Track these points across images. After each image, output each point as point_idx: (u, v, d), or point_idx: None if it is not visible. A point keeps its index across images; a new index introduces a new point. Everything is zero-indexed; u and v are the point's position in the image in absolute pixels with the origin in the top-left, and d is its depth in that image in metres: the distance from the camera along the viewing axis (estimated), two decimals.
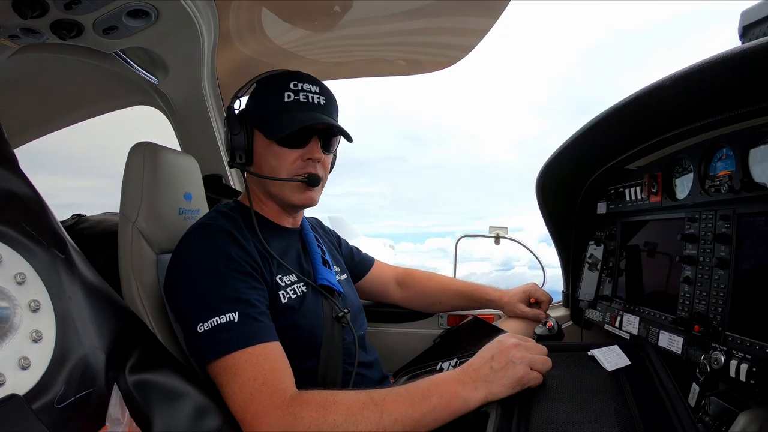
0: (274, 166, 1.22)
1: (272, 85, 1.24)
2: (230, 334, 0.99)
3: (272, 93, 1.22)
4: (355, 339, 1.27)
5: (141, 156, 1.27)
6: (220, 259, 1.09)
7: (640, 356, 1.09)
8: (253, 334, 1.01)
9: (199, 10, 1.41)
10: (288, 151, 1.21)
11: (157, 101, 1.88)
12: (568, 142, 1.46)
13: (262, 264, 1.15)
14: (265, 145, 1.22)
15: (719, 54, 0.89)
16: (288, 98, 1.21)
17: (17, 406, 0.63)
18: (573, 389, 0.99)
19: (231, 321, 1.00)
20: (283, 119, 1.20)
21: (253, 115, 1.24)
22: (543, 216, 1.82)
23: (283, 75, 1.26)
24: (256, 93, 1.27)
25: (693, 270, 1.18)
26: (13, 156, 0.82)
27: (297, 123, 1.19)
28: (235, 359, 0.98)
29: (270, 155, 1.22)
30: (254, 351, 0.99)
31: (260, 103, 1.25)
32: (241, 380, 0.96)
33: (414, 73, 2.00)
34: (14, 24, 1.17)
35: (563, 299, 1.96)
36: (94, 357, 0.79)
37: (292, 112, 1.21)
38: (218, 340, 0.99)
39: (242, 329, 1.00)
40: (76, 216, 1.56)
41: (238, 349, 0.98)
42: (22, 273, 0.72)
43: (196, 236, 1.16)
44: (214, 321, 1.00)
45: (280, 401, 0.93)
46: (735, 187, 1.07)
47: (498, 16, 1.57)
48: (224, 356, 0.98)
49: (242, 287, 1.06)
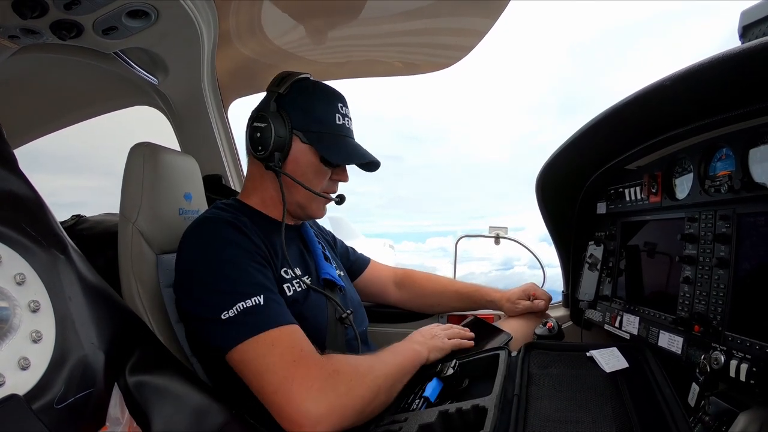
0: (311, 180, 1.25)
1: (325, 99, 1.26)
2: (260, 316, 1.01)
3: (327, 109, 1.25)
4: (356, 335, 1.29)
5: (141, 156, 1.27)
6: (231, 247, 1.09)
7: (639, 359, 1.10)
8: (282, 314, 1.04)
9: (199, 11, 1.41)
10: (327, 170, 1.27)
11: (157, 102, 1.89)
12: (567, 143, 1.46)
13: (268, 257, 1.16)
14: (310, 158, 1.24)
15: (719, 54, 0.89)
16: (339, 120, 1.26)
17: (17, 407, 0.63)
18: (571, 388, 0.99)
19: (257, 304, 1.01)
20: (339, 144, 1.25)
21: (304, 122, 1.23)
22: (543, 216, 1.82)
23: (333, 91, 1.29)
24: (308, 97, 1.25)
25: (693, 270, 1.18)
26: (12, 156, 0.82)
27: (359, 156, 1.26)
28: (271, 336, 0.99)
29: (311, 169, 1.25)
30: (286, 329, 1.02)
31: (315, 114, 1.24)
32: (280, 350, 0.98)
33: (413, 73, 2.01)
34: (14, 24, 1.18)
35: (563, 299, 1.96)
36: (93, 357, 0.79)
37: (344, 138, 1.27)
38: (248, 322, 1.00)
39: (270, 311, 1.02)
40: (76, 216, 1.56)
41: (272, 327, 1.00)
42: (21, 273, 0.72)
43: (202, 229, 1.16)
44: (239, 306, 1.00)
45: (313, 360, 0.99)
46: (735, 187, 1.06)
47: (497, 17, 1.57)
48: (258, 335, 0.99)
49: (259, 273, 1.08)
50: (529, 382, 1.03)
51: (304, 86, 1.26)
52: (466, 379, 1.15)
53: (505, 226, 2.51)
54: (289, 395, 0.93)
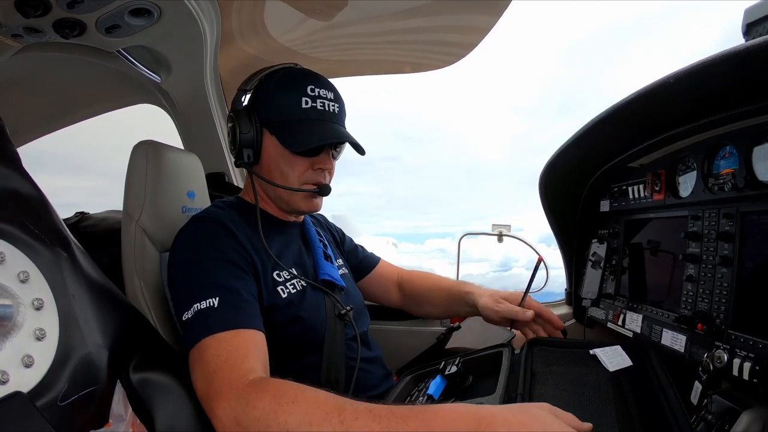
0: (286, 173, 1.20)
1: (288, 85, 1.20)
2: (208, 320, 0.96)
3: (289, 96, 1.18)
4: (356, 335, 1.26)
5: (144, 154, 1.27)
6: (206, 248, 1.08)
7: (642, 358, 1.08)
8: (231, 319, 0.97)
9: (202, 9, 1.41)
10: (301, 160, 1.20)
11: (160, 100, 1.89)
12: (571, 141, 1.46)
13: (255, 258, 1.14)
14: (277, 150, 1.19)
15: (723, 51, 0.89)
16: (305, 104, 1.17)
17: (21, 404, 0.63)
18: (574, 386, 0.99)
19: (211, 306, 0.98)
20: (302, 130, 1.17)
21: (266, 114, 1.20)
22: (546, 214, 1.82)
23: (300, 75, 1.22)
24: (269, 90, 1.21)
25: (696, 268, 1.18)
26: (15, 155, 0.82)
27: (318, 138, 1.17)
28: (207, 343, 0.93)
29: (282, 161, 1.20)
30: (227, 335, 0.95)
31: (275, 103, 1.19)
32: (205, 359, 0.92)
33: (417, 71, 2.00)
34: (17, 23, 1.18)
35: (566, 297, 1.96)
36: (97, 355, 0.80)
37: (311, 121, 1.18)
38: (196, 326, 0.97)
39: (221, 315, 0.97)
40: (80, 214, 1.56)
41: (213, 333, 0.94)
42: (25, 271, 0.72)
43: (187, 230, 1.16)
44: (195, 307, 0.98)
45: (239, 382, 0.87)
46: (738, 185, 1.06)
47: (500, 13, 1.57)
48: (199, 342, 0.94)
49: (225, 275, 1.05)
50: (533, 381, 1.02)
51: (271, 78, 1.22)
52: (470, 377, 1.15)
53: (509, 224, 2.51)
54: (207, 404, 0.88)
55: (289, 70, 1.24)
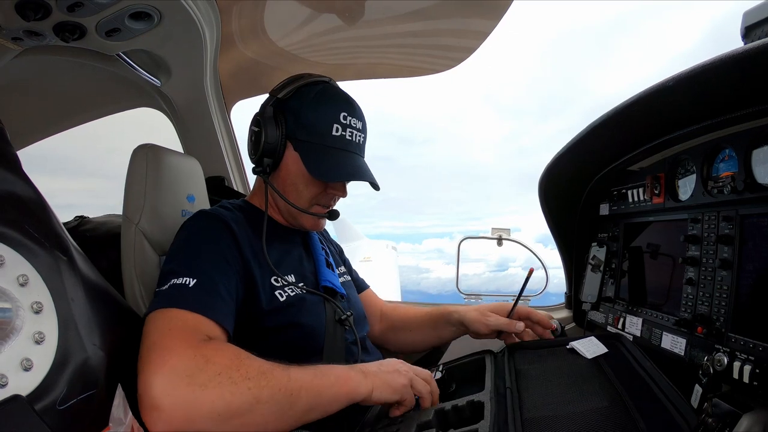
0: (300, 192, 1.21)
1: (322, 106, 1.19)
2: (179, 293, 0.94)
3: (321, 118, 1.17)
4: (356, 339, 1.26)
5: (144, 158, 1.27)
6: (203, 238, 1.09)
7: (616, 345, 1.18)
8: (200, 303, 0.94)
9: (202, 13, 1.42)
10: (318, 183, 1.21)
11: (160, 103, 1.89)
12: (570, 144, 1.46)
13: (253, 262, 1.12)
14: (298, 168, 1.19)
15: (722, 55, 0.89)
16: (336, 132, 1.17)
17: (20, 408, 0.63)
18: (559, 375, 1.05)
19: (185, 284, 0.96)
20: (328, 159, 1.17)
21: (294, 129, 1.18)
22: (545, 217, 1.82)
23: (336, 97, 1.22)
24: (303, 105, 1.19)
25: (696, 271, 1.18)
26: (15, 158, 0.82)
27: (344, 175, 1.19)
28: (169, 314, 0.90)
29: (300, 180, 1.20)
30: (189, 315, 0.91)
31: (306, 121, 1.18)
32: (158, 324, 0.89)
33: (417, 75, 2.01)
34: (17, 26, 1.18)
35: (566, 301, 1.96)
36: (96, 359, 0.79)
37: (337, 151, 1.18)
38: (163, 296, 0.94)
39: (192, 294, 0.95)
40: (79, 218, 1.56)
41: (178, 308, 0.91)
42: (24, 275, 0.72)
43: (191, 221, 1.16)
44: (171, 282, 0.96)
45: (197, 341, 0.86)
46: (738, 188, 1.06)
47: (500, 17, 1.58)
48: (161, 309, 0.91)
49: (211, 265, 1.03)
50: (518, 377, 1.06)
51: (306, 91, 1.20)
52: (453, 384, 1.17)
53: (508, 228, 2.51)
54: (147, 365, 0.81)
55: (325, 89, 1.22)
